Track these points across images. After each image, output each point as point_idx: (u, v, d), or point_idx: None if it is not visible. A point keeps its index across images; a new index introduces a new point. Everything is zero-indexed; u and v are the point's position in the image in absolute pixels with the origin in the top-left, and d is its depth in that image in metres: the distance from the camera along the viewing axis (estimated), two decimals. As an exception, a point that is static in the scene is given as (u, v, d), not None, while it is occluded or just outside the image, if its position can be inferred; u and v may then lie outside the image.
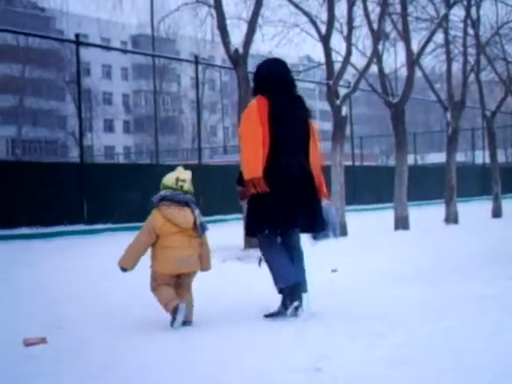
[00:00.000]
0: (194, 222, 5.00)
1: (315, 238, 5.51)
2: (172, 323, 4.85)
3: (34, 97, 52.72)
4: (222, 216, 15.83)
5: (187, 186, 5.07)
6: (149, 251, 5.08)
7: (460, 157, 26.96)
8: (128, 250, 5.00)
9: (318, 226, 5.38)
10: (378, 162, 58.07)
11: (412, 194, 14.53)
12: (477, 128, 35.78)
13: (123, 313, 5.59)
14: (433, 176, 25.22)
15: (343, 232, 11.93)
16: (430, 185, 24.70)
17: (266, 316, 5.22)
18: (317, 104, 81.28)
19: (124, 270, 5.00)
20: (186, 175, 5.11)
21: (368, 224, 14.50)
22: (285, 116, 5.24)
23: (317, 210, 5.35)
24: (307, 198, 5.27)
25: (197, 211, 5.04)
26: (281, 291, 5.20)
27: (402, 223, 13.46)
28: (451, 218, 15.32)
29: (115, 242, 7.65)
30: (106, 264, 6.45)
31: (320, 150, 5.56)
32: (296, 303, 5.10)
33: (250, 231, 5.42)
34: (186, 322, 4.97)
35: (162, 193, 5.03)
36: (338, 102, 12.29)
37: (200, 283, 5.42)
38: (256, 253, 8.31)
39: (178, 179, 5.05)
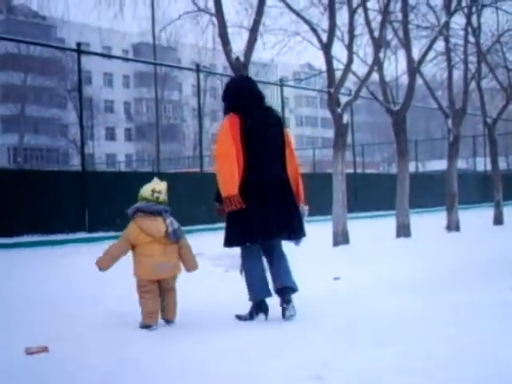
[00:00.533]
0: (167, 231, 5.24)
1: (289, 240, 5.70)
2: (140, 326, 5.24)
3: (36, 105, 52.87)
4: (224, 224, 15.77)
5: (162, 196, 5.34)
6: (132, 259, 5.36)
7: (461, 164, 26.88)
8: (106, 254, 5.31)
9: (295, 235, 5.61)
10: (380, 170, 58.09)
11: (413, 202, 14.51)
12: (478, 135, 35.78)
13: (123, 319, 5.58)
14: (434, 183, 25.22)
15: (345, 240, 11.92)
16: (431, 192, 24.67)
17: (236, 316, 5.55)
18: (318, 112, 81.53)
19: (100, 269, 5.32)
20: (162, 186, 5.36)
21: (370, 232, 14.48)
22: (257, 130, 5.37)
23: (294, 220, 5.55)
24: (283, 210, 5.44)
25: (169, 220, 5.27)
26: (250, 300, 5.55)
27: (403, 231, 13.44)
28: (453, 225, 15.30)
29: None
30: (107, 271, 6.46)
31: (296, 158, 5.74)
32: (262, 316, 5.47)
33: (229, 243, 5.55)
34: (169, 322, 5.34)
35: (137, 205, 5.32)
36: (339, 109, 12.28)
37: (202, 291, 5.43)
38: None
39: (153, 191, 5.32)
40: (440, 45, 16.54)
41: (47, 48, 33.22)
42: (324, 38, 12.47)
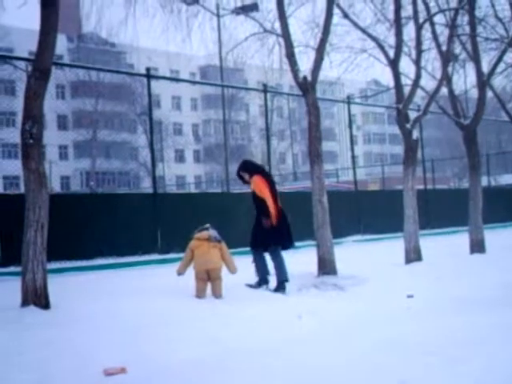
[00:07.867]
0: (209, 237, 8.02)
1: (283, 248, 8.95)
2: (196, 296, 7.76)
3: (107, 130, 53.97)
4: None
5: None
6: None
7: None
8: (181, 263, 8.12)
9: (288, 246, 9.04)
10: (451, 185, 57.17)
11: (486, 217, 14.17)
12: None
13: (201, 340, 5.64)
14: (507, 198, 24.68)
15: (418, 257, 11.75)
16: (505, 207, 24.14)
17: (246, 284, 8.59)
18: (386, 128, 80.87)
19: (179, 274, 8.00)
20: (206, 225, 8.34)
21: (443, 248, 14.21)
22: (272, 182, 9.03)
23: (287, 234, 8.94)
24: (283, 229, 8.78)
25: (212, 231, 8.09)
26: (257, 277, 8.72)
27: (477, 247, 13.18)
28: (528, 240, 14.93)
29: (189, 271, 7.77)
30: (181, 292, 6.55)
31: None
32: (264, 286, 8.61)
33: (253, 247, 8.90)
34: (217, 297, 7.80)
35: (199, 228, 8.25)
36: (408, 125, 12.17)
37: (281, 311, 5.45)
38: (330, 279, 8.71)
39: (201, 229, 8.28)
40: (510, 56, 16.25)
41: (117, 74, 33.84)
42: (391, 54, 12.40)
